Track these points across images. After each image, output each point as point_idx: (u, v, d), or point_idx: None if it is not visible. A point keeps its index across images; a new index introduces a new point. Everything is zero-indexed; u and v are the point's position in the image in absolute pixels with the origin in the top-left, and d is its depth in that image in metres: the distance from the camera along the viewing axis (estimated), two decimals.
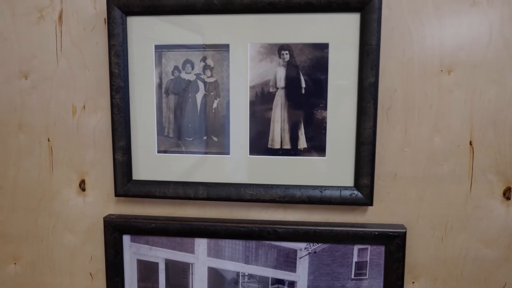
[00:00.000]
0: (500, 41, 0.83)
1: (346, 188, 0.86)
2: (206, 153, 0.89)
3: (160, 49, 0.87)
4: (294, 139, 0.86)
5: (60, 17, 0.92)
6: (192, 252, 0.91)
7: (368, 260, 0.87)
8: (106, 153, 0.94)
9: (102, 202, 0.96)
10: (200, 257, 0.91)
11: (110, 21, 0.86)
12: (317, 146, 0.86)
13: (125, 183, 0.91)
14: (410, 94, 0.86)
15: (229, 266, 0.91)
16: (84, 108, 0.94)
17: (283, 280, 0.90)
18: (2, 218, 0.99)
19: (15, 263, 1.01)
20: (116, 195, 0.91)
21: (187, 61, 0.87)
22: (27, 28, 0.93)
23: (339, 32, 0.83)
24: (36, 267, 1.00)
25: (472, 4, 0.83)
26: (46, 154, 0.96)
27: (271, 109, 0.86)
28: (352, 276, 0.88)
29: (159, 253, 0.92)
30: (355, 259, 0.88)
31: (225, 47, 0.86)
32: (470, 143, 0.86)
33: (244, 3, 0.83)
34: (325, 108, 0.85)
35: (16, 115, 0.96)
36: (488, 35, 0.84)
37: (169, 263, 0.92)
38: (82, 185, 0.96)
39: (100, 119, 0.94)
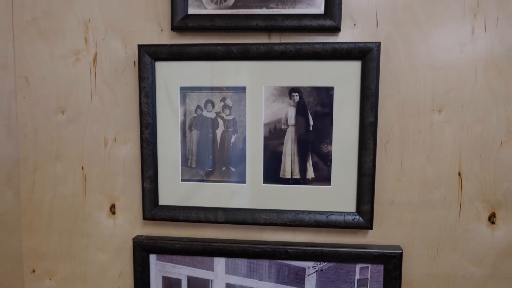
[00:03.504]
0: (484, 83, 0.95)
1: (349, 213, 0.97)
2: (224, 181, 1.00)
3: (185, 90, 0.99)
4: (303, 170, 0.98)
5: (95, 59, 1.04)
6: (212, 269, 1.02)
7: (368, 277, 0.98)
8: (135, 180, 1.05)
9: (130, 224, 1.07)
10: (219, 274, 1.02)
11: (140, 66, 0.98)
12: (323, 176, 0.97)
13: (152, 208, 1.02)
14: (405, 130, 0.97)
15: (245, 282, 1.02)
16: (115, 140, 1.05)
17: None
18: (40, 238, 1.10)
19: (50, 279, 1.12)
20: (144, 218, 1.02)
21: (208, 101, 0.98)
22: (64, 69, 1.05)
23: (342, 77, 0.94)
24: (70, 282, 1.11)
25: (460, 51, 0.95)
26: (80, 181, 1.08)
27: (282, 143, 0.97)
28: None
29: (182, 271, 1.03)
30: (357, 276, 0.99)
31: (242, 89, 0.97)
32: (459, 173, 0.98)
33: (260, 52, 0.94)
34: (330, 143, 0.96)
35: (53, 146, 1.07)
36: (474, 78, 0.95)
37: (191, 280, 1.03)
38: (112, 209, 1.07)
39: (129, 150, 1.05)
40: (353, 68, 0.94)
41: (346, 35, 0.96)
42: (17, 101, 1.07)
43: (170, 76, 0.99)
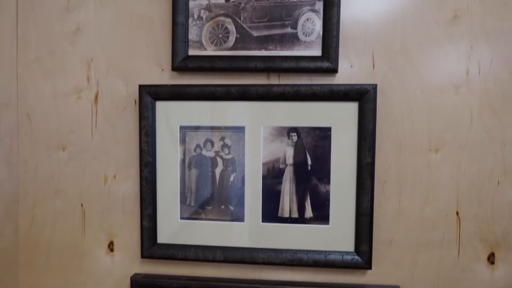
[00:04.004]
0: (480, 124, 0.96)
1: (347, 253, 0.97)
2: (223, 220, 1.00)
3: (185, 129, 1.00)
4: (301, 209, 0.98)
5: (96, 97, 1.06)
6: None
7: None
8: (133, 218, 1.06)
9: (128, 261, 1.07)
10: None
11: (141, 105, 0.99)
12: (322, 215, 0.98)
13: (151, 246, 1.02)
14: (403, 169, 0.98)
15: None
16: (115, 177, 1.06)
17: None
18: (37, 274, 1.10)
19: None
20: (142, 256, 1.02)
21: (207, 140, 1.00)
22: (66, 106, 1.07)
23: (340, 118, 0.96)
24: None
25: (455, 92, 0.96)
26: (79, 217, 1.08)
27: (281, 182, 0.98)
28: None
29: None
30: None
31: (241, 129, 0.98)
32: (457, 213, 0.98)
33: (259, 93, 0.96)
34: (328, 182, 0.97)
35: (53, 182, 1.08)
36: (469, 119, 0.96)
37: None
38: (110, 246, 1.07)
39: (128, 188, 1.05)
40: (351, 109, 0.95)
41: (343, 76, 0.98)
42: (19, 138, 1.08)
43: (170, 115, 1.00)
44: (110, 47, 1.04)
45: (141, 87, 0.99)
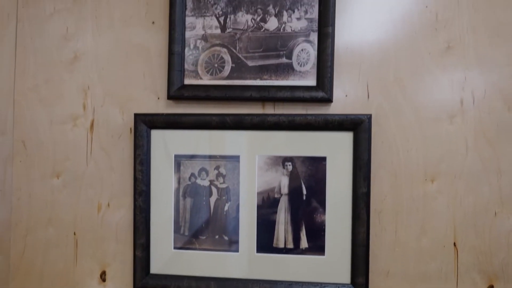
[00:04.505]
0: (475, 154, 0.96)
1: (343, 285, 0.95)
2: (217, 250, 0.99)
3: (179, 158, 1.00)
4: (296, 239, 0.97)
5: (92, 125, 1.06)
6: None
7: None
8: (127, 247, 1.04)
9: None
10: None
11: (136, 134, 0.99)
12: (317, 246, 0.96)
13: (144, 277, 1.00)
14: (398, 199, 0.97)
15: None
16: (109, 206, 1.05)
17: None
18: None
19: None
20: (135, 287, 1.00)
21: (202, 169, 0.99)
22: (62, 134, 1.07)
23: (335, 147, 0.96)
24: None
25: (450, 123, 0.97)
26: (72, 246, 1.06)
27: (275, 212, 0.97)
28: None
29: None
30: None
31: (236, 158, 0.98)
32: (454, 244, 0.97)
33: (254, 122, 0.96)
34: (323, 212, 0.96)
35: (46, 211, 1.07)
36: (465, 149, 0.96)
37: None
38: (103, 276, 1.05)
39: (122, 216, 1.04)
40: (345, 138, 0.95)
41: (338, 106, 0.99)
42: (14, 165, 1.08)
43: (165, 144, 1.00)
44: (107, 75, 1.05)
45: (137, 115, 0.99)
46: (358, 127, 0.94)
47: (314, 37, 0.96)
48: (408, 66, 0.98)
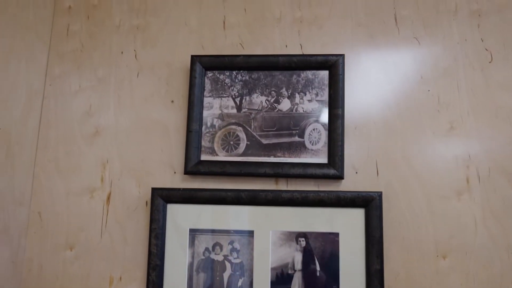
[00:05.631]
0: (484, 231, 0.98)
1: None
2: None
3: (194, 232, 1.01)
4: None
5: (108, 198, 1.09)
6: None
7: None
8: None
9: None
10: None
11: (152, 208, 1.02)
12: None
13: None
14: (411, 276, 0.98)
15: None
16: (121, 280, 1.05)
17: None
18: None
19: None
20: None
21: (216, 244, 1.01)
22: (78, 205, 1.09)
23: (347, 223, 0.98)
24: None
25: (458, 200, 1.00)
26: None
27: None
28: None
29: None
30: None
31: (250, 233, 1.00)
32: None
33: (268, 198, 0.99)
34: None
35: (57, 283, 1.06)
36: (474, 225, 0.99)
37: None
38: None
39: None
40: (357, 215, 0.98)
41: (349, 182, 1.02)
42: (28, 236, 1.09)
43: (181, 218, 1.02)
44: (125, 150, 1.10)
45: (154, 189, 1.02)
46: (370, 204, 0.97)
47: (325, 117, 1.02)
48: (414, 144, 1.03)
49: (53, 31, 1.17)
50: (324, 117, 1.03)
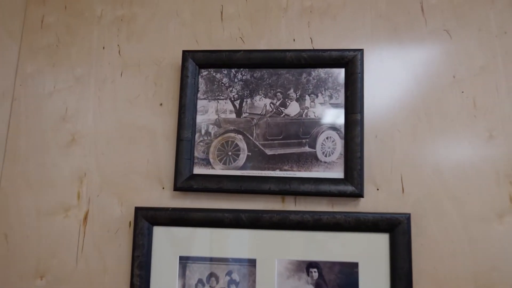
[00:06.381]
0: None
1: None
2: None
3: (185, 261, 0.85)
4: None
5: (86, 217, 0.93)
6: None
7: None
8: None
9: None
10: None
11: (136, 231, 0.86)
12: None
13: None
14: None
15: None
16: None
17: None
18: None
19: None
20: None
21: (212, 274, 0.84)
22: (50, 226, 0.93)
23: (368, 251, 0.82)
24: None
25: (499, 223, 0.84)
26: None
27: None
28: None
29: None
30: None
31: (252, 262, 0.84)
32: None
33: (273, 221, 0.83)
34: None
35: None
36: None
37: None
38: None
39: None
40: (381, 241, 0.82)
41: (369, 202, 0.86)
42: None
43: (169, 243, 0.86)
44: (106, 161, 0.94)
45: (138, 209, 0.87)
46: (395, 228, 0.81)
47: (340, 124, 0.86)
48: (447, 156, 0.87)
49: (25, 23, 1.02)
50: (340, 124, 0.87)
